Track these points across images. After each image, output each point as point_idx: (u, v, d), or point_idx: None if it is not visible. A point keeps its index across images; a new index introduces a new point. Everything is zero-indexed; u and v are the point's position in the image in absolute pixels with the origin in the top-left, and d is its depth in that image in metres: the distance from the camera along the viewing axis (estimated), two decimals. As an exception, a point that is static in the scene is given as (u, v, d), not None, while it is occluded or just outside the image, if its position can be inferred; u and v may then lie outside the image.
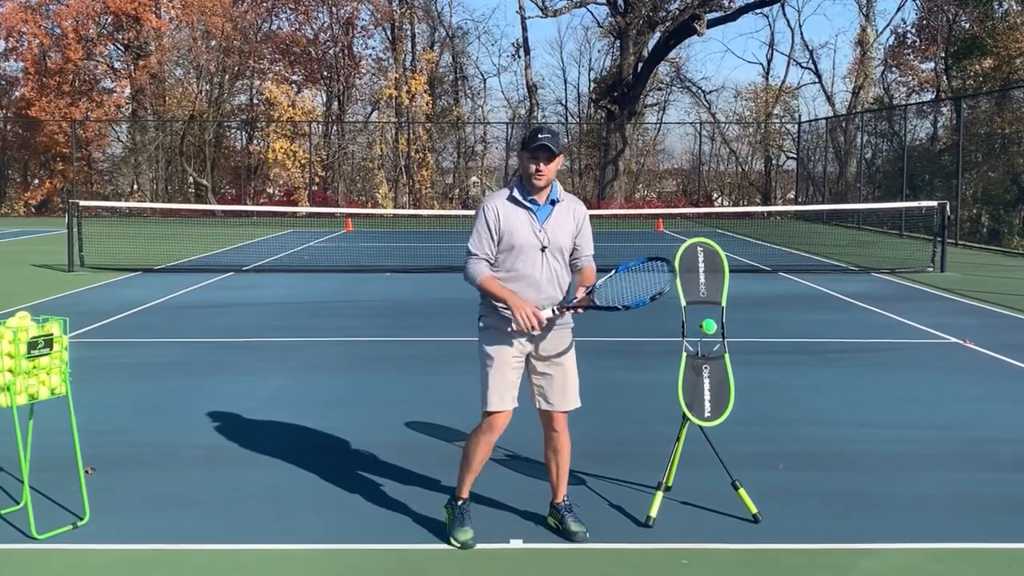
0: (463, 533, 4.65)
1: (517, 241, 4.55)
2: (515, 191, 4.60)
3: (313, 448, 6.29)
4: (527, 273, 4.56)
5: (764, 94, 44.07)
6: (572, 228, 4.67)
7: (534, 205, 4.59)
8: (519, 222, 4.56)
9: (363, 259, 19.32)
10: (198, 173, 38.79)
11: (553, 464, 4.81)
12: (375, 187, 39.43)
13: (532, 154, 4.49)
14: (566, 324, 4.73)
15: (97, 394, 7.68)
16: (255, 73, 40.76)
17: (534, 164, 4.49)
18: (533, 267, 4.56)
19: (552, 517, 4.89)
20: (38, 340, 4.62)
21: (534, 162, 4.49)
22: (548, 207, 4.62)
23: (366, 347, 9.96)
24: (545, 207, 4.61)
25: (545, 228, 4.59)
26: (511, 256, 4.57)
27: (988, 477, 5.77)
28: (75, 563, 4.50)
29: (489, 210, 4.58)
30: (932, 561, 4.54)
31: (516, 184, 4.63)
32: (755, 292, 14.10)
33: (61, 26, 37.43)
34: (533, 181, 4.53)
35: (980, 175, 27.10)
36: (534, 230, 4.57)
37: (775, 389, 7.99)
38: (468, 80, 44.06)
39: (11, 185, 39.24)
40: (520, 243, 4.55)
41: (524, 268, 4.56)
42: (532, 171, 4.51)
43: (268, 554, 4.61)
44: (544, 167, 4.50)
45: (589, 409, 7.31)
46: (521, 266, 4.57)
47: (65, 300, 13.16)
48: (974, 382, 8.40)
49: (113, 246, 19.55)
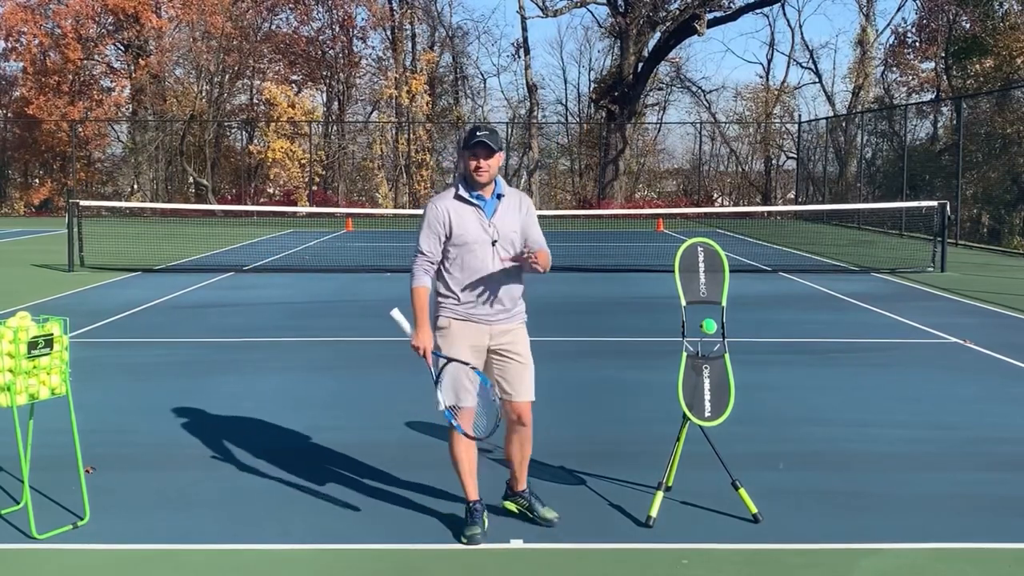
0: (468, 530, 4.72)
1: (468, 237, 4.66)
2: (460, 189, 4.72)
3: (312, 448, 6.28)
4: (479, 268, 4.67)
5: (764, 94, 44.08)
6: (520, 219, 4.79)
7: (480, 200, 4.71)
8: (468, 219, 4.67)
9: (363, 259, 19.31)
10: (198, 173, 38.80)
11: (518, 455, 4.93)
12: (375, 187, 39.44)
13: (472, 151, 4.63)
14: (520, 318, 4.84)
15: (97, 394, 7.68)
16: (255, 73, 40.77)
17: (474, 161, 4.63)
18: (484, 261, 4.67)
19: (516, 504, 5.01)
20: (38, 340, 4.62)
21: (474, 159, 4.63)
22: (494, 201, 4.74)
23: (366, 347, 9.96)
24: (491, 201, 4.74)
25: (493, 222, 4.70)
26: (463, 252, 4.67)
27: (988, 477, 5.77)
28: (75, 563, 4.50)
29: (437, 209, 4.70)
30: (932, 561, 4.54)
31: (461, 182, 4.74)
32: (755, 292, 14.10)
33: (61, 26, 37.44)
34: (476, 177, 4.65)
35: (980, 175, 27.10)
36: (483, 225, 4.68)
37: (775, 389, 7.99)
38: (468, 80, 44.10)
39: (11, 185, 39.25)
40: (471, 239, 4.65)
41: (476, 263, 4.67)
42: (473, 167, 4.64)
43: (268, 554, 4.61)
44: (484, 163, 4.63)
45: (589, 409, 7.34)
46: (473, 261, 4.67)
47: (65, 300, 13.16)
48: (974, 382, 8.40)
49: (113, 246, 19.54)
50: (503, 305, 4.73)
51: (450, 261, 4.70)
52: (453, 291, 4.71)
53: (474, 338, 4.71)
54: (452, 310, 4.72)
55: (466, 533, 4.71)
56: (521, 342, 4.82)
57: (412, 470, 5.77)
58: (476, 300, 4.68)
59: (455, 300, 4.71)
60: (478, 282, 4.66)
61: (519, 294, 4.81)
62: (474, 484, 4.81)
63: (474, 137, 4.64)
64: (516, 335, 4.80)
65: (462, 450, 4.77)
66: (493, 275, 4.67)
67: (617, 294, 14.07)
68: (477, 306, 4.69)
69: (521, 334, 4.84)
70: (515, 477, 5.01)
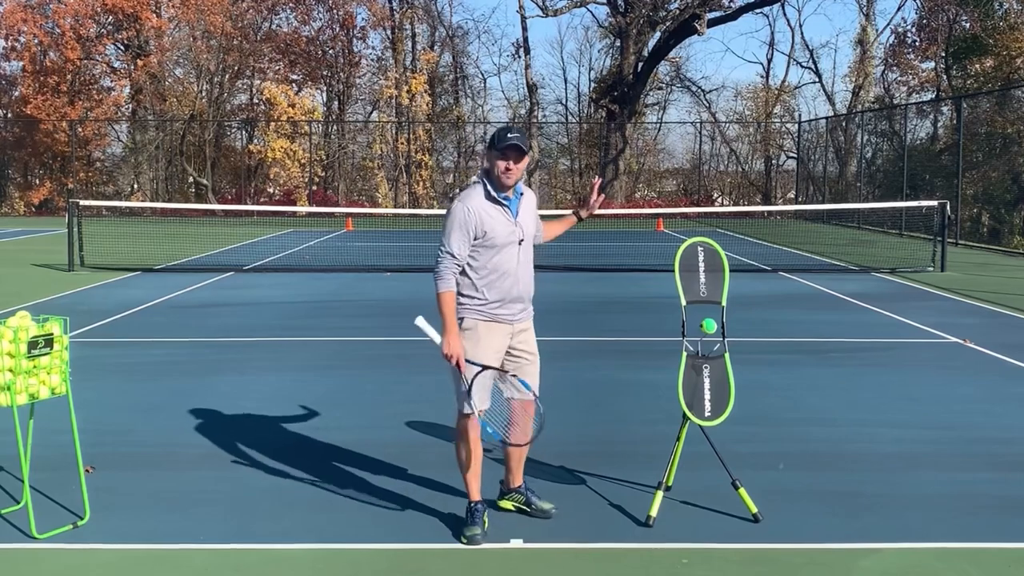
0: (468, 530, 4.72)
1: (499, 239, 4.63)
2: (490, 189, 4.66)
3: (313, 448, 6.28)
4: (507, 268, 4.67)
5: (764, 94, 44.07)
6: (534, 214, 4.85)
7: (507, 201, 4.69)
8: (497, 220, 4.65)
9: (363, 259, 19.32)
10: (198, 173, 38.80)
11: (517, 451, 4.95)
12: (375, 187, 39.45)
13: (502, 153, 4.57)
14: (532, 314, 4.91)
15: (97, 394, 7.68)
16: (255, 72, 40.76)
17: (504, 162, 4.57)
18: (511, 261, 4.69)
19: (512, 501, 5.03)
20: (38, 340, 4.62)
21: (504, 160, 4.57)
22: (517, 200, 4.74)
23: (366, 347, 9.96)
24: (515, 201, 4.73)
25: (519, 222, 4.72)
26: (492, 254, 4.65)
27: (988, 477, 5.77)
28: (75, 563, 4.50)
29: (469, 212, 4.61)
30: (932, 561, 4.54)
31: (486, 181, 4.67)
32: (755, 292, 14.10)
33: (60, 25, 37.43)
34: (504, 179, 4.61)
35: (980, 175, 27.10)
36: (510, 226, 4.68)
37: (775, 389, 7.99)
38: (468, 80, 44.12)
39: (11, 185, 39.25)
40: (500, 240, 4.64)
41: (504, 264, 4.67)
42: (503, 169, 4.58)
43: (268, 554, 4.61)
44: (515, 166, 4.59)
45: (589, 409, 7.34)
46: (502, 261, 4.66)
47: (65, 300, 13.16)
48: (974, 382, 8.39)
49: (113, 246, 19.55)
50: (524, 303, 4.79)
51: (477, 262, 4.65)
52: (480, 292, 4.66)
53: (499, 340, 4.71)
54: (478, 311, 4.66)
55: (466, 533, 4.71)
56: (532, 339, 4.89)
57: (412, 470, 5.77)
58: (502, 300, 4.68)
59: (481, 301, 4.66)
60: (506, 282, 4.66)
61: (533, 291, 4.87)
62: (478, 484, 4.83)
63: (506, 140, 4.57)
64: (529, 333, 4.87)
65: (474, 452, 4.76)
66: (518, 274, 4.70)
67: (617, 294, 14.07)
68: (503, 306, 4.69)
69: (531, 331, 4.90)
70: (512, 472, 5.03)
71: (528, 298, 4.80)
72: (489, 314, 4.67)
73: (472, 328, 4.67)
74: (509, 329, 4.74)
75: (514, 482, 5.04)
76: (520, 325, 4.79)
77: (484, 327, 4.68)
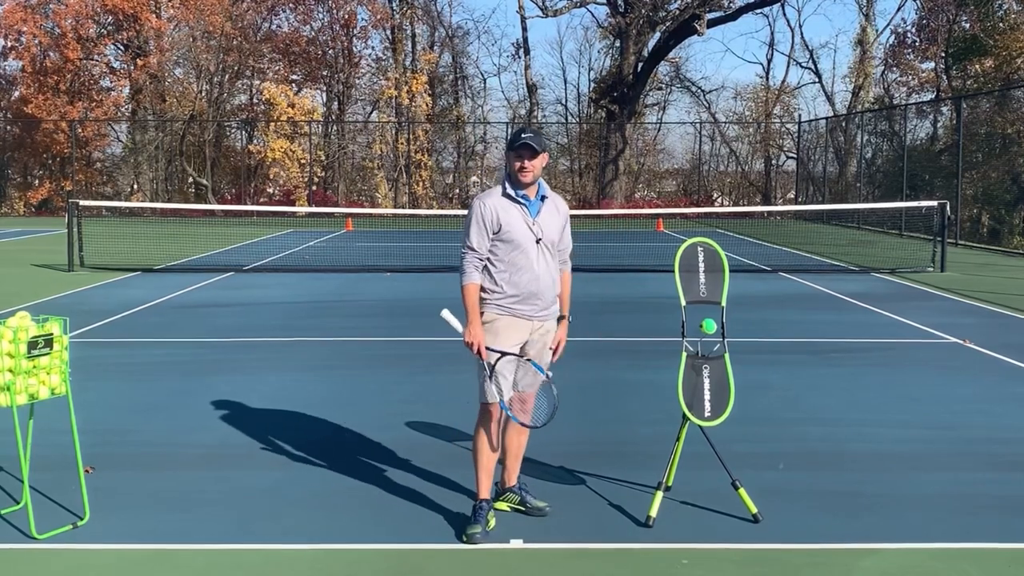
0: (470, 528, 4.75)
1: (515, 235, 4.78)
2: (507, 187, 4.84)
3: (313, 448, 6.28)
4: (526, 265, 4.79)
5: (764, 94, 44.07)
6: (560, 222, 4.95)
7: (526, 200, 4.84)
8: (514, 216, 4.80)
9: (363, 259, 19.32)
10: (198, 173, 38.79)
11: (516, 445, 5.06)
12: (375, 187, 39.44)
13: (516, 152, 4.76)
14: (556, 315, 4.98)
15: (97, 394, 7.68)
16: (255, 73, 40.75)
17: (519, 161, 4.75)
18: (530, 259, 4.80)
19: (507, 501, 5.08)
20: (38, 340, 4.62)
21: (519, 159, 4.75)
22: (538, 202, 4.87)
23: (366, 347, 9.96)
24: (535, 202, 4.87)
25: (538, 221, 4.84)
26: (510, 249, 4.79)
27: (988, 477, 5.77)
28: (75, 563, 4.50)
29: (484, 207, 4.81)
30: (932, 560, 4.54)
31: (507, 181, 4.87)
32: (755, 292, 14.10)
33: (60, 25, 37.44)
34: (520, 177, 4.78)
35: (980, 175, 27.10)
36: (528, 224, 4.80)
37: (775, 389, 7.99)
38: (468, 80, 44.08)
39: (11, 185, 39.24)
40: (517, 236, 4.78)
41: (523, 260, 4.79)
42: (517, 168, 4.76)
43: (268, 554, 4.61)
44: (528, 163, 4.75)
45: (589, 409, 7.34)
46: (520, 259, 4.79)
47: (65, 300, 13.16)
48: (974, 382, 8.40)
49: (113, 246, 19.55)
50: (544, 302, 4.86)
51: (497, 257, 4.80)
52: (499, 286, 4.80)
53: (518, 334, 4.82)
54: (498, 305, 4.81)
55: (467, 531, 4.73)
56: (552, 336, 4.97)
57: (412, 469, 5.78)
58: (520, 295, 4.80)
59: (500, 295, 4.80)
60: (523, 277, 4.78)
61: (556, 292, 4.95)
62: (489, 482, 4.88)
63: (519, 139, 4.77)
64: (550, 336, 4.95)
65: (492, 445, 4.86)
66: (537, 272, 4.80)
67: (617, 294, 14.07)
68: (521, 301, 4.80)
69: (554, 331, 4.97)
70: (508, 471, 5.08)
71: (548, 298, 4.87)
72: (508, 308, 4.80)
73: (492, 321, 4.81)
74: (528, 326, 4.84)
75: (509, 481, 5.08)
76: (540, 324, 4.87)
77: (503, 321, 4.81)
